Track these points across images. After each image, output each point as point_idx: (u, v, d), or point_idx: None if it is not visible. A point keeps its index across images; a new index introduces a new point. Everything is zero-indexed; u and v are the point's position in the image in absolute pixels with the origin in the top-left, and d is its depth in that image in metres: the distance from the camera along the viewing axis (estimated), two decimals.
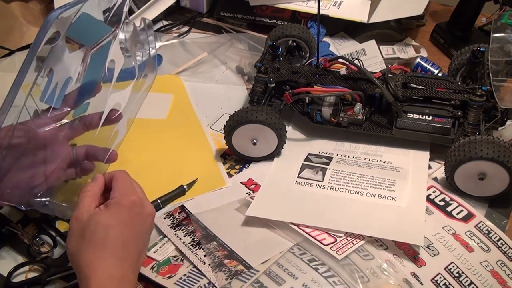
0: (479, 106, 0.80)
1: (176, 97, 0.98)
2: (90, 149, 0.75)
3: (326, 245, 0.69)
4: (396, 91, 0.83)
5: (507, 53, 0.84)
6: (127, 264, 0.62)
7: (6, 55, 1.04)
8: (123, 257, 0.62)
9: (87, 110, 0.73)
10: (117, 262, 0.61)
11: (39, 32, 0.59)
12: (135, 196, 0.66)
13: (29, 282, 0.70)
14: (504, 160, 0.73)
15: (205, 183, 0.82)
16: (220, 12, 1.16)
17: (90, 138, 0.74)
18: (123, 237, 0.63)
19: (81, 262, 0.60)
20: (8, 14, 1.07)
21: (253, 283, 0.66)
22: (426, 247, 0.70)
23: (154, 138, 0.90)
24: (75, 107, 0.70)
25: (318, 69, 0.89)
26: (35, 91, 0.62)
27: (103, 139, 0.78)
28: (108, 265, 0.60)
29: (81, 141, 0.74)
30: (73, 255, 0.62)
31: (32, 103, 0.63)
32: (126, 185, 0.67)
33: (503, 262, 0.70)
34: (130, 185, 0.67)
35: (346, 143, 0.87)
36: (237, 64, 1.05)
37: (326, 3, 1.08)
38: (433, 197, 0.78)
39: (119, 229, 0.63)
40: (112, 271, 0.60)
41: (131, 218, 0.64)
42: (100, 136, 0.76)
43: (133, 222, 0.64)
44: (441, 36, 1.10)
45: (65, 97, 0.68)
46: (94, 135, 0.75)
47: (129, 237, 0.63)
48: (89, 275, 0.59)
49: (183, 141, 0.90)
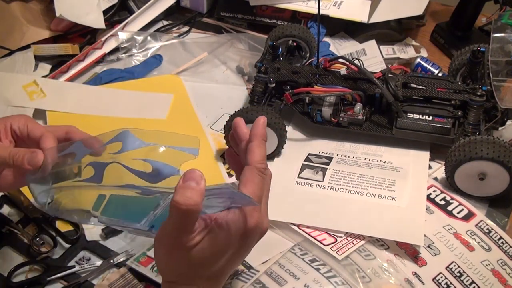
0: (479, 106, 0.80)
1: (176, 97, 0.98)
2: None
3: (327, 245, 0.69)
4: (396, 91, 0.83)
5: (507, 53, 0.84)
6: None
7: (6, 55, 1.04)
8: (220, 283, 0.56)
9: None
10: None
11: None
12: (258, 212, 0.54)
13: (29, 282, 0.70)
14: (504, 160, 0.73)
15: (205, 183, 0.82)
16: (220, 12, 1.16)
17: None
18: (228, 267, 0.55)
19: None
20: (8, 14, 1.07)
21: (254, 283, 0.66)
22: (427, 246, 0.70)
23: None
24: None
25: (318, 69, 0.89)
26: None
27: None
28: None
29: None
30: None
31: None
32: (257, 193, 0.54)
33: (504, 261, 0.70)
34: (260, 192, 0.55)
35: (346, 143, 0.87)
36: (237, 64, 1.05)
37: (326, 3, 1.08)
38: (434, 196, 0.78)
39: (229, 259, 0.54)
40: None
41: (247, 246, 0.55)
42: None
43: (248, 248, 0.56)
44: (441, 36, 1.10)
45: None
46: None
47: (234, 264, 0.56)
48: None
49: None
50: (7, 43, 1.05)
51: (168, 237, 0.51)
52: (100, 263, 0.72)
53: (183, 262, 0.52)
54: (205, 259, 0.52)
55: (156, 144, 0.61)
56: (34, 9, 1.10)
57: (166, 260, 0.54)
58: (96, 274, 0.71)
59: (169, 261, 0.54)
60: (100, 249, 0.74)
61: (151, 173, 0.60)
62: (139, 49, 1.08)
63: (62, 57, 1.04)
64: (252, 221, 0.53)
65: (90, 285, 0.70)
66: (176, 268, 0.54)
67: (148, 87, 1.00)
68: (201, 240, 0.52)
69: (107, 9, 1.10)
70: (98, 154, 0.61)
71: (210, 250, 0.52)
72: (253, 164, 0.55)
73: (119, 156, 0.61)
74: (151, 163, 0.60)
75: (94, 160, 0.61)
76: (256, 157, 0.56)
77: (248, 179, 0.55)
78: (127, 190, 0.57)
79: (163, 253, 0.53)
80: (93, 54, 1.05)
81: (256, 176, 0.55)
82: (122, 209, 0.58)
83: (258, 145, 0.57)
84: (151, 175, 0.59)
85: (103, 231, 0.75)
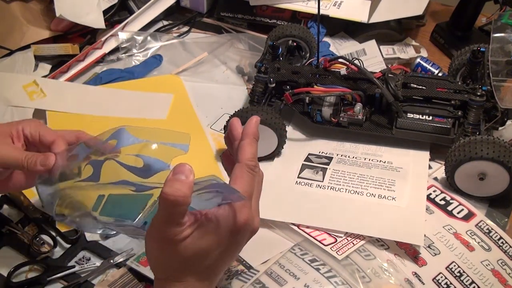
0: (479, 106, 0.80)
1: (176, 97, 0.98)
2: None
3: (327, 245, 0.69)
4: (396, 91, 0.83)
5: (507, 53, 0.84)
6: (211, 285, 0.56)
7: (6, 55, 1.04)
8: (211, 282, 0.56)
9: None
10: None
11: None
12: (248, 209, 0.54)
13: (29, 282, 0.70)
14: (504, 160, 0.73)
15: None
16: (220, 12, 1.16)
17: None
18: (218, 264, 0.55)
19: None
20: (8, 14, 1.07)
21: (254, 283, 0.66)
22: (427, 246, 0.70)
23: None
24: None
25: (318, 69, 0.89)
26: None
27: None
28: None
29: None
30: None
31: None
32: (246, 189, 0.55)
33: (503, 261, 0.70)
34: (249, 189, 0.55)
35: (346, 143, 0.87)
36: (237, 64, 1.05)
37: (326, 3, 1.08)
38: (434, 196, 0.78)
39: (219, 255, 0.54)
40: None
41: (237, 243, 0.55)
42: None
43: (238, 246, 0.56)
44: (441, 36, 1.10)
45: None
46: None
47: (225, 262, 0.56)
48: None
49: None
50: (7, 43, 1.05)
51: (157, 230, 0.52)
52: (100, 263, 0.72)
53: (172, 256, 0.53)
54: (194, 254, 0.52)
55: (148, 140, 0.62)
56: (34, 9, 1.10)
57: (157, 255, 0.54)
58: (96, 274, 0.71)
59: (159, 256, 0.54)
60: (100, 249, 0.74)
61: (143, 168, 0.61)
62: (139, 49, 1.08)
63: (62, 57, 1.04)
64: (241, 217, 0.53)
65: (90, 285, 0.70)
66: (166, 262, 0.54)
67: (148, 87, 1.00)
68: (191, 234, 0.52)
69: (107, 9, 1.10)
70: (104, 152, 0.62)
71: (199, 245, 0.52)
72: (243, 162, 0.56)
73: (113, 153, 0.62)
74: (142, 158, 0.61)
75: (92, 158, 0.62)
76: (247, 155, 0.56)
77: (238, 175, 0.55)
78: (123, 187, 0.58)
79: (154, 247, 0.54)
80: (93, 54, 1.05)
81: (246, 173, 0.55)
82: (118, 208, 0.59)
83: (249, 143, 0.57)
84: (142, 170, 0.61)
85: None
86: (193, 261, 0.53)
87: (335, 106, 0.85)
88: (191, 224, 0.52)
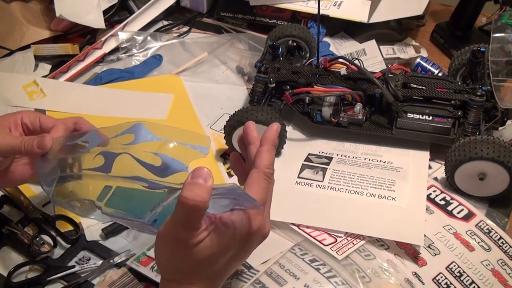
0: (479, 106, 0.80)
1: (176, 97, 0.98)
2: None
3: (326, 245, 0.69)
4: (396, 91, 0.83)
5: (507, 53, 0.84)
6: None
7: (6, 55, 1.04)
8: (217, 286, 0.56)
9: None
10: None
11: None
12: (262, 216, 0.55)
13: (29, 282, 0.70)
14: (504, 160, 0.73)
15: None
16: (220, 12, 1.16)
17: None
18: (227, 268, 0.55)
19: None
20: (8, 14, 1.07)
21: (254, 283, 0.66)
22: (427, 246, 0.70)
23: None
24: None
25: (318, 69, 0.89)
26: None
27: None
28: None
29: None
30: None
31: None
32: (261, 196, 0.55)
33: (503, 261, 0.70)
34: (264, 196, 0.55)
35: (346, 143, 0.87)
36: (237, 64, 1.05)
37: (326, 3, 1.08)
38: (434, 196, 0.78)
39: (229, 260, 0.54)
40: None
41: (247, 249, 0.56)
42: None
43: (248, 251, 0.56)
44: (441, 36, 1.10)
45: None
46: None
47: (233, 267, 0.56)
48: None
49: None
50: (7, 43, 1.05)
51: (172, 233, 0.51)
52: (100, 263, 0.72)
53: (185, 259, 0.52)
54: (207, 258, 0.52)
55: (167, 139, 0.61)
56: (34, 9, 1.10)
57: (168, 257, 0.54)
58: (96, 274, 0.71)
59: (171, 258, 0.53)
60: (100, 249, 0.74)
61: (160, 167, 0.60)
62: (139, 49, 1.08)
63: (62, 57, 1.04)
64: (255, 224, 0.53)
65: (90, 285, 0.70)
66: (177, 265, 0.53)
67: (148, 87, 1.00)
68: (205, 238, 0.52)
69: (107, 9, 1.10)
70: (105, 145, 0.62)
71: (212, 249, 0.52)
72: (261, 168, 0.56)
73: (130, 148, 0.61)
74: (161, 157, 0.60)
75: (105, 149, 0.61)
76: (264, 162, 0.56)
77: (255, 182, 0.55)
78: (135, 182, 0.57)
79: (166, 249, 0.53)
80: (93, 54, 1.05)
81: (263, 180, 0.55)
82: (127, 202, 0.58)
83: (268, 150, 0.57)
84: (160, 169, 0.60)
85: (103, 231, 0.75)
86: (204, 265, 0.53)
87: (335, 106, 0.85)
88: (207, 228, 0.52)
